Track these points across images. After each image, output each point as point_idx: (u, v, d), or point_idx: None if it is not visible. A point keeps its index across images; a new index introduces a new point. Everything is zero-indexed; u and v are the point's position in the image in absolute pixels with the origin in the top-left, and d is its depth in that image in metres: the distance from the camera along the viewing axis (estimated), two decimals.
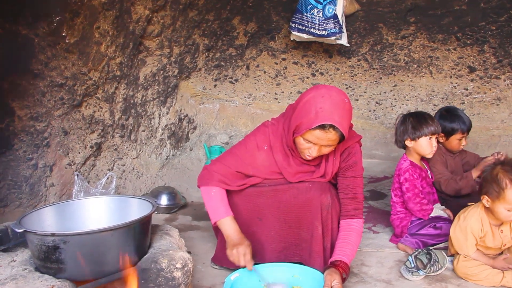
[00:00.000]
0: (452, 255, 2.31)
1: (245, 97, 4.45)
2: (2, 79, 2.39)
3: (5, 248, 1.78)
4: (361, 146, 2.18)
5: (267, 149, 2.13)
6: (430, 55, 4.19)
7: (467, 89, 4.25)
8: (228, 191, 2.14)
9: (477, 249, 2.20)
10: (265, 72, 4.41)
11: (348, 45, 3.89)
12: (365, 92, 4.46)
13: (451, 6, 3.84)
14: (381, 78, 4.39)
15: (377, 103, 4.46)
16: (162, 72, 3.59)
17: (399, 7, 3.93)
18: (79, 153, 2.93)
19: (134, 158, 3.48)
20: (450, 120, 2.75)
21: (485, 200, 2.11)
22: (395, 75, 4.35)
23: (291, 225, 2.12)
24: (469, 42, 4.03)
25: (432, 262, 2.17)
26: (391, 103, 4.44)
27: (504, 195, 2.02)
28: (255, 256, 2.15)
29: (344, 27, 3.75)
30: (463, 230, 2.19)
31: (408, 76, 4.34)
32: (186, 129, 4.11)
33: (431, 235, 2.49)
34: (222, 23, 3.96)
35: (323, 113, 1.85)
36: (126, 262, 1.63)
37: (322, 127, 1.85)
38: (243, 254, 1.95)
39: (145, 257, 1.69)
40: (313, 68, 4.40)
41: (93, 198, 1.98)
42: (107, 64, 2.95)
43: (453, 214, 2.56)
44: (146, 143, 3.61)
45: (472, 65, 4.15)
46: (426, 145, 2.53)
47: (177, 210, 3.30)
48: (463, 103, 4.26)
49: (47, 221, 1.79)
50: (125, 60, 3.13)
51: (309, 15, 3.67)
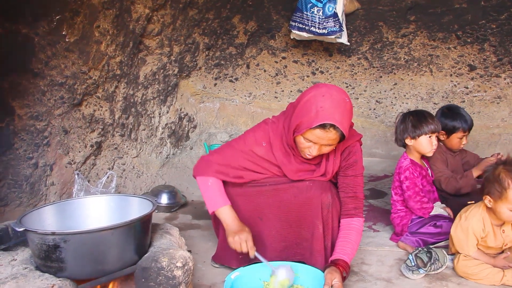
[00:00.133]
0: (453, 254, 2.30)
1: (245, 96, 4.45)
2: (2, 78, 2.39)
3: (5, 247, 1.78)
4: (361, 145, 2.18)
5: (265, 145, 2.13)
6: (430, 53, 4.19)
7: (467, 88, 4.25)
8: (227, 191, 2.13)
9: (478, 249, 2.20)
10: (265, 70, 4.41)
11: (348, 43, 3.89)
12: (365, 91, 4.45)
13: (451, 4, 3.84)
14: (381, 77, 4.39)
15: (377, 101, 4.46)
16: (162, 71, 3.59)
17: (399, 5, 3.93)
18: (79, 152, 2.93)
19: (134, 157, 3.48)
20: (452, 118, 2.75)
21: (487, 200, 2.10)
22: (395, 73, 4.35)
23: (291, 224, 2.12)
24: (469, 40, 4.03)
25: (432, 261, 2.17)
26: (391, 102, 4.44)
27: (506, 195, 2.01)
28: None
29: (344, 25, 3.74)
30: (464, 230, 2.18)
31: (408, 75, 4.33)
32: (186, 128, 4.11)
33: (431, 233, 2.49)
34: (222, 21, 3.95)
35: (323, 112, 1.85)
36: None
37: (323, 126, 1.85)
38: (245, 240, 1.96)
39: (145, 256, 1.69)
40: (313, 66, 4.40)
41: (94, 197, 1.98)
42: (107, 63, 2.95)
43: (453, 213, 2.56)
44: (146, 142, 3.61)
45: (472, 63, 4.14)
46: (426, 143, 2.53)
47: (177, 209, 3.30)
48: (463, 101, 4.26)
49: (47, 220, 1.79)
50: (125, 59, 3.13)
51: (309, 13, 3.67)
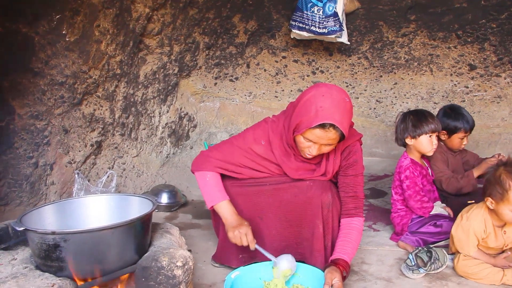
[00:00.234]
0: (453, 253, 2.30)
1: (245, 95, 4.44)
2: (2, 78, 2.39)
3: (5, 247, 1.78)
4: (361, 145, 2.18)
5: (264, 144, 2.13)
6: (431, 53, 4.18)
7: (467, 87, 4.25)
8: (228, 190, 2.13)
9: (478, 249, 2.19)
10: (265, 70, 4.41)
11: (349, 43, 3.88)
12: (365, 90, 4.45)
13: (451, 3, 3.84)
14: (381, 76, 4.38)
15: (377, 101, 4.46)
16: (162, 70, 3.59)
17: (399, 5, 3.92)
18: (79, 151, 2.93)
19: (134, 157, 3.48)
20: (454, 118, 2.75)
21: (489, 202, 2.09)
22: (395, 73, 4.35)
23: (292, 223, 2.12)
24: (469, 40, 4.03)
25: (432, 260, 2.17)
26: (392, 101, 4.44)
27: (507, 197, 2.00)
28: (255, 255, 2.15)
29: (344, 25, 3.74)
30: (465, 230, 2.17)
31: (408, 74, 4.33)
32: (186, 127, 4.11)
33: (431, 233, 2.49)
34: (223, 21, 3.95)
35: (323, 112, 1.84)
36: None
37: (322, 126, 1.85)
38: (245, 233, 1.97)
39: (145, 255, 1.69)
40: (313, 66, 4.39)
41: (94, 197, 1.98)
42: (107, 63, 2.95)
43: (454, 212, 2.56)
44: (146, 142, 3.61)
45: (472, 63, 4.14)
46: (426, 143, 2.53)
47: (177, 208, 3.30)
48: (464, 101, 4.26)
49: (47, 219, 1.79)
50: (125, 58, 3.13)
51: (309, 13, 3.67)
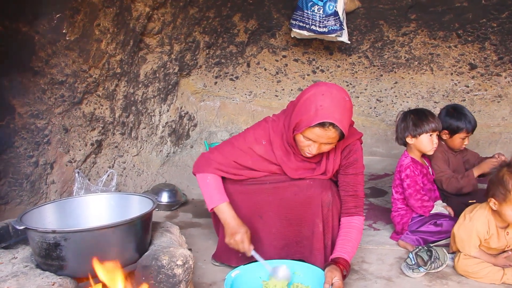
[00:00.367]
0: (453, 252, 2.30)
1: (245, 94, 4.44)
2: (2, 77, 2.39)
3: (6, 245, 1.78)
4: (362, 144, 2.18)
5: (265, 143, 2.13)
6: (431, 52, 4.18)
7: (468, 86, 4.25)
8: (228, 189, 2.13)
9: (479, 249, 2.19)
10: (265, 69, 4.41)
11: (349, 42, 3.88)
12: (365, 89, 4.45)
13: (452, 3, 3.83)
14: (381, 75, 4.38)
15: (377, 100, 4.46)
16: (162, 69, 3.59)
17: (400, 4, 3.92)
18: (79, 150, 2.93)
19: (134, 156, 3.48)
20: (456, 118, 2.74)
21: (492, 203, 2.07)
22: (395, 72, 4.35)
23: (291, 222, 2.12)
24: (470, 39, 4.02)
25: (432, 259, 2.17)
26: (392, 100, 4.44)
27: (510, 198, 1.99)
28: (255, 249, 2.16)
29: (344, 24, 3.74)
30: (468, 230, 2.16)
31: (408, 73, 4.33)
32: (186, 127, 4.11)
33: (431, 232, 2.49)
34: (223, 20, 3.95)
35: (323, 111, 1.84)
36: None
37: (322, 125, 1.85)
38: (241, 241, 1.97)
39: (145, 254, 1.69)
40: (313, 65, 4.39)
41: (94, 195, 1.98)
42: (108, 62, 2.95)
43: (454, 212, 2.56)
44: (146, 141, 3.61)
45: (473, 62, 4.14)
46: (427, 142, 2.53)
47: (177, 207, 3.30)
48: (464, 100, 4.26)
49: (48, 218, 1.79)
50: (126, 57, 3.13)
51: (309, 12, 3.66)
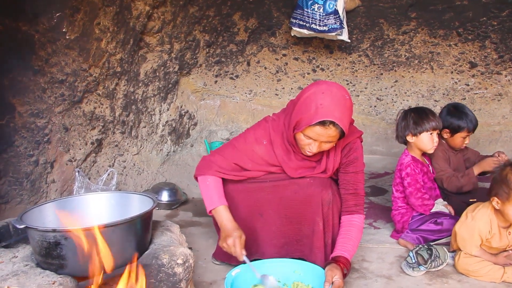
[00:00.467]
0: (454, 251, 2.30)
1: (245, 93, 4.44)
2: (2, 76, 2.39)
3: (6, 244, 1.78)
4: (362, 142, 2.18)
5: (266, 143, 2.13)
6: (431, 50, 4.18)
7: (468, 85, 4.25)
8: (228, 187, 2.13)
9: (480, 248, 2.18)
10: (265, 68, 4.41)
11: (349, 40, 3.88)
12: (366, 88, 4.45)
13: (452, 1, 3.83)
14: (382, 74, 4.38)
15: (378, 99, 4.46)
16: (162, 68, 3.59)
17: (400, 2, 3.92)
18: (79, 149, 2.93)
19: (135, 154, 3.48)
20: (457, 117, 2.74)
21: (495, 202, 2.07)
22: (396, 70, 4.34)
23: (292, 220, 2.12)
24: (470, 37, 4.02)
25: (433, 258, 2.17)
26: (392, 99, 4.43)
27: None
28: (255, 252, 2.16)
29: (345, 22, 3.74)
30: (470, 229, 2.15)
31: (409, 72, 4.33)
32: (186, 125, 4.11)
33: (432, 230, 2.49)
34: (223, 19, 3.95)
35: (323, 109, 1.84)
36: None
37: (322, 123, 1.85)
38: (233, 245, 1.93)
39: (146, 253, 1.69)
40: (313, 64, 4.39)
41: (94, 194, 1.99)
42: (108, 60, 2.95)
43: (455, 210, 2.56)
44: (147, 139, 3.61)
45: (473, 60, 4.13)
46: (427, 140, 2.52)
47: (178, 206, 3.31)
48: (464, 98, 4.25)
49: (48, 217, 1.79)
50: (126, 56, 3.13)
51: (309, 10, 3.66)
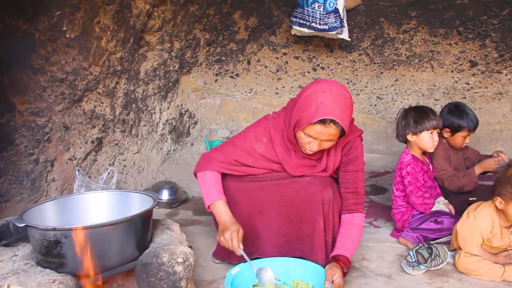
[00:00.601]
0: (454, 250, 2.30)
1: (246, 92, 4.44)
2: (2, 74, 2.39)
3: (6, 243, 1.79)
4: (362, 141, 2.18)
5: (266, 141, 2.12)
6: (432, 49, 4.17)
7: (468, 84, 4.24)
8: (228, 186, 2.13)
9: (481, 247, 2.18)
10: (266, 66, 4.40)
11: (349, 39, 3.88)
12: (366, 87, 4.45)
13: (452, 0, 3.83)
14: (382, 73, 4.38)
15: (378, 97, 4.45)
16: (163, 66, 3.59)
17: (400, 1, 3.91)
18: (80, 148, 2.93)
19: (135, 153, 3.48)
20: (458, 116, 2.73)
21: (498, 201, 2.06)
22: (396, 69, 4.34)
23: (292, 219, 2.12)
24: (470, 36, 4.02)
25: (433, 257, 2.17)
26: (392, 98, 4.43)
27: None
28: (256, 251, 2.16)
29: (345, 21, 3.74)
30: (471, 229, 2.15)
31: (409, 71, 4.32)
32: (187, 124, 4.11)
33: (432, 229, 2.49)
34: (223, 17, 3.94)
35: (323, 108, 1.84)
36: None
37: (323, 121, 1.85)
38: (230, 239, 1.92)
39: (146, 251, 1.69)
40: (314, 62, 4.39)
41: (94, 193, 1.99)
42: (108, 59, 2.95)
43: (455, 209, 2.56)
44: (147, 138, 3.61)
45: (473, 59, 4.13)
46: (428, 139, 2.52)
47: (178, 205, 3.31)
48: (465, 97, 4.25)
49: (48, 215, 1.79)
50: (126, 54, 3.13)
51: (310, 9, 3.66)
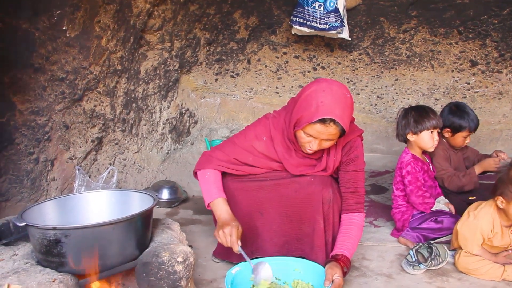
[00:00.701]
0: (454, 249, 2.30)
1: (246, 91, 4.44)
2: (3, 73, 2.39)
3: (7, 242, 1.78)
4: (362, 140, 2.18)
5: (266, 140, 2.12)
6: (432, 49, 4.17)
7: (468, 83, 4.24)
8: (228, 186, 2.13)
9: (481, 247, 2.18)
10: (266, 66, 4.40)
11: (350, 39, 3.88)
12: (366, 86, 4.45)
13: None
14: (382, 72, 4.38)
15: (378, 97, 4.45)
16: (163, 66, 3.58)
17: (400, 0, 3.91)
18: (80, 147, 2.93)
19: (135, 153, 3.48)
20: (459, 116, 2.73)
21: (500, 201, 2.06)
22: (396, 69, 4.34)
23: (292, 219, 2.12)
24: (471, 36, 4.01)
25: (433, 256, 2.17)
26: (393, 97, 4.43)
27: None
28: (256, 250, 2.16)
29: (345, 20, 3.73)
30: (472, 228, 2.15)
31: (409, 70, 4.32)
32: (187, 123, 4.11)
33: (432, 229, 2.49)
34: (223, 17, 3.94)
35: (324, 107, 1.84)
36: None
37: (323, 121, 1.85)
38: (229, 234, 1.90)
39: (146, 250, 1.69)
40: (314, 62, 4.39)
41: (95, 192, 1.99)
42: (108, 58, 2.94)
43: (455, 209, 2.56)
44: (147, 138, 3.61)
45: (474, 59, 4.13)
46: (428, 138, 2.52)
47: (178, 204, 3.31)
48: (465, 97, 4.25)
49: (48, 215, 1.79)
50: (126, 54, 3.13)
51: (310, 8, 3.66)
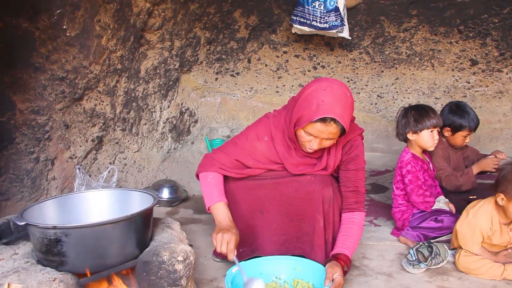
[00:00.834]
0: (454, 249, 2.30)
1: (246, 90, 4.44)
2: (3, 73, 2.39)
3: (7, 241, 1.78)
4: (363, 139, 2.18)
5: (267, 140, 2.13)
6: (432, 48, 4.17)
7: (469, 82, 4.24)
8: (229, 185, 2.13)
9: (481, 246, 2.18)
10: (266, 65, 4.40)
11: (350, 38, 3.87)
12: (366, 85, 4.44)
13: None
14: (382, 71, 4.38)
15: (378, 96, 4.45)
16: (163, 65, 3.58)
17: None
18: (80, 146, 2.93)
19: (135, 152, 3.48)
20: (459, 115, 2.73)
21: (500, 198, 2.06)
22: (396, 68, 4.34)
23: (292, 218, 2.12)
24: (471, 35, 4.01)
25: (433, 255, 2.17)
26: (393, 96, 4.43)
27: None
28: (256, 249, 2.16)
29: (345, 20, 3.73)
30: (471, 227, 2.15)
31: (410, 69, 4.32)
32: (187, 123, 4.11)
33: (432, 228, 2.49)
34: (223, 16, 3.94)
35: (324, 106, 1.84)
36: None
37: (323, 120, 1.85)
38: (227, 241, 1.87)
39: (146, 250, 1.70)
40: (314, 61, 4.38)
41: (95, 191, 1.98)
42: (108, 58, 2.94)
43: (455, 208, 2.56)
44: (147, 137, 3.61)
45: (474, 58, 4.13)
46: (428, 138, 2.52)
47: (178, 203, 3.31)
48: (465, 96, 4.25)
49: (48, 214, 1.79)
50: (126, 53, 3.13)
51: (310, 8, 3.66)
